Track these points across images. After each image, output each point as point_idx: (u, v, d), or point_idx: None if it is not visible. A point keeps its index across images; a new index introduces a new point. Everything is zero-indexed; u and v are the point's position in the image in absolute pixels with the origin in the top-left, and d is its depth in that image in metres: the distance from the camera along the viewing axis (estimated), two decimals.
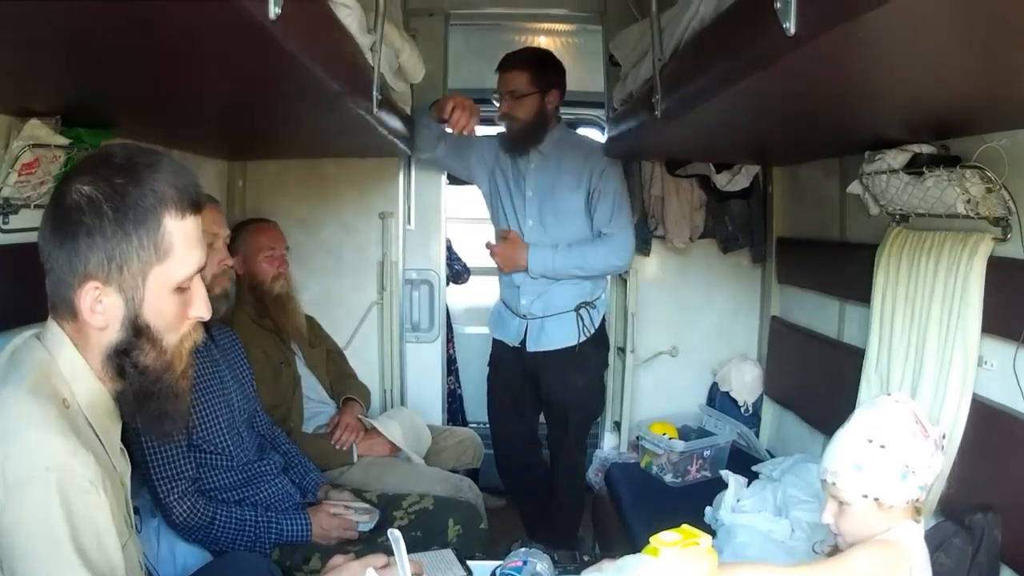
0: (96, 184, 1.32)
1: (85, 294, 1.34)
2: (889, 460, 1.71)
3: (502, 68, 3.39)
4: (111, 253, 1.33)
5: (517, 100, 3.34)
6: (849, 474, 1.73)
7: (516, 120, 3.37)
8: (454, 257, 4.95)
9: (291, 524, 2.43)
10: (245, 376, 2.71)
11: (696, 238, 3.95)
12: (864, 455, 1.72)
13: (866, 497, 1.72)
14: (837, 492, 1.76)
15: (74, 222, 1.32)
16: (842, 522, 1.77)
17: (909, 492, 1.71)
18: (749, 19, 1.56)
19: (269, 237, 3.19)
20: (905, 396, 1.85)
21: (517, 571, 1.75)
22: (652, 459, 3.45)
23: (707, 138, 2.89)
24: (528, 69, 3.33)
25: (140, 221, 1.33)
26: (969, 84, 1.65)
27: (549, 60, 3.46)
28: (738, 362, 3.90)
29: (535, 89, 3.33)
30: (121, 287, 1.35)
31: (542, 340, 3.48)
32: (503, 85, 3.37)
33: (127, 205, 1.32)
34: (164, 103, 2.01)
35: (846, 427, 1.80)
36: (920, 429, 1.73)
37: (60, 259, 1.34)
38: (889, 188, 2.37)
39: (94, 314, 1.35)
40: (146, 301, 1.37)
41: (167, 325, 1.41)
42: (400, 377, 3.99)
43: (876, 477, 1.71)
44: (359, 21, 2.11)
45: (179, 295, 1.41)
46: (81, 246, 1.32)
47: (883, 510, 1.72)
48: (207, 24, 1.20)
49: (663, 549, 1.60)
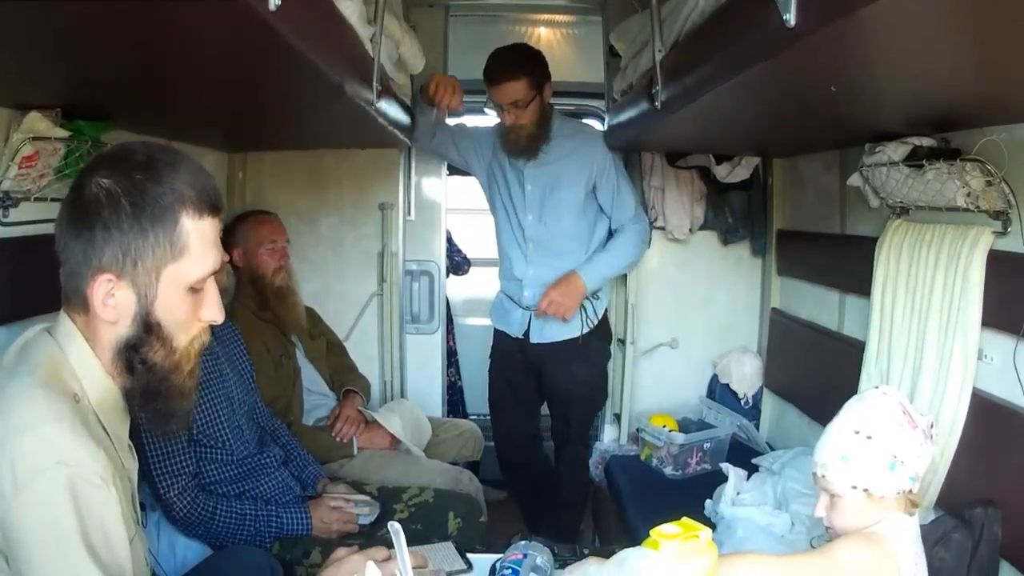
0: (116, 178, 1.33)
1: (98, 286, 1.34)
2: (876, 451, 1.72)
3: (495, 80, 3.23)
4: (126, 247, 1.33)
5: (520, 109, 3.25)
6: (837, 466, 1.75)
7: (523, 127, 3.29)
8: (454, 248, 4.95)
9: (291, 518, 2.44)
10: (245, 368, 2.71)
11: (696, 230, 3.95)
12: (851, 446, 1.74)
13: (855, 488, 1.73)
14: (827, 484, 1.78)
15: (92, 214, 1.33)
16: (834, 515, 1.78)
17: (899, 482, 1.72)
18: (749, 11, 1.56)
19: (270, 230, 3.18)
20: (892, 388, 1.86)
21: (517, 564, 1.75)
22: (652, 451, 3.45)
23: (707, 130, 2.88)
24: (524, 74, 3.20)
25: (157, 218, 1.34)
26: (969, 77, 1.65)
27: (535, 56, 3.34)
28: (738, 354, 3.90)
29: (534, 92, 3.24)
30: (134, 282, 1.35)
31: (545, 332, 3.48)
32: (501, 97, 3.24)
33: (145, 201, 1.33)
34: (164, 95, 2.00)
35: (834, 420, 1.82)
36: (908, 419, 1.75)
37: (75, 250, 1.35)
38: (889, 181, 2.36)
39: (105, 307, 1.35)
40: (158, 298, 1.37)
41: (178, 325, 1.41)
42: (400, 369, 4.00)
43: (864, 468, 1.72)
44: (359, 12, 2.11)
45: (192, 296, 1.41)
46: (97, 238, 1.33)
47: (874, 501, 1.73)
48: (207, 16, 1.20)
49: (663, 542, 1.60)
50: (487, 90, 3.29)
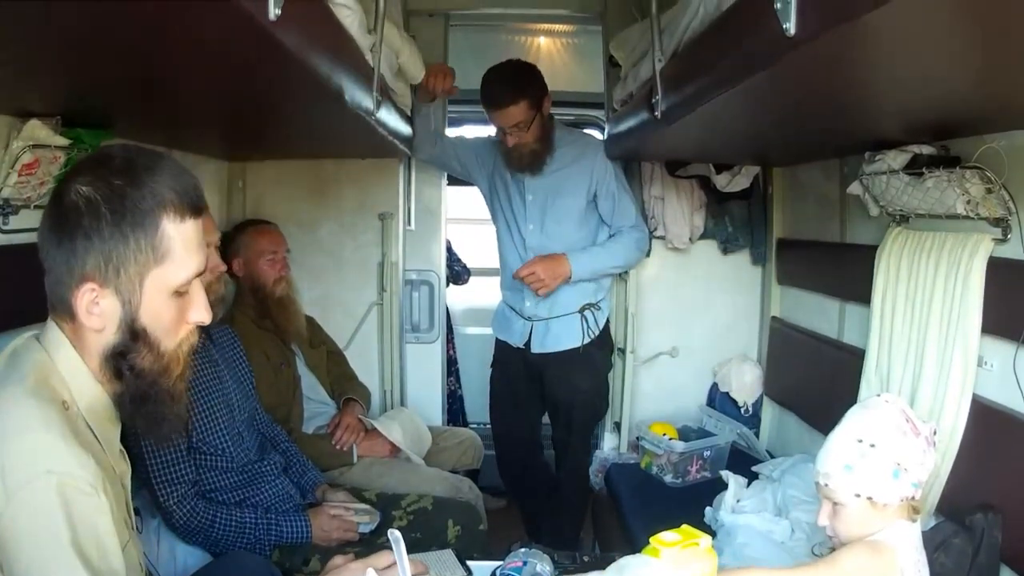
0: (95, 185, 1.32)
1: (82, 295, 1.33)
2: (880, 459, 1.72)
3: (495, 106, 3.24)
4: (108, 255, 1.32)
5: (523, 130, 3.25)
6: (840, 475, 1.75)
7: (526, 145, 3.30)
8: (454, 258, 4.95)
9: (291, 525, 2.43)
10: (244, 375, 2.71)
11: (696, 239, 3.94)
12: (854, 455, 1.74)
13: (859, 497, 1.73)
14: (830, 493, 1.78)
15: (72, 223, 1.32)
16: (837, 523, 1.78)
17: (903, 490, 1.73)
18: (749, 20, 1.56)
19: (270, 240, 3.19)
20: (894, 396, 1.87)
21: (517, 571, 1.75)
22: (652, 459, 3.45)
23: (707, 139, 2.88)
24: (524, 96, 3.21)
25: (138, 223, 1.33)
26: (969, 85, 1.65)
27: (530, 72, 3.33)
28: (738, 362, 3.89)
29: (534, 111, 3.24)
30: (118, 289, 1.34)
31: (547, 342, 3.48)
32: (504, 121, 3.25)
33: (125, 207, 1.32)
34: (164, 104, 2.00)
35: (837, 429, 1.82)
36: (910, 427, 1.75)
37: (58, 259, 1.34)
38: (889, 189, 2.36)
39: (91, 316, 1.34)
40: (143, 304, 1.36)
41: (164, 329, 1.40)
42: (400, 378, 3.99)
43: (867, 476, 1.72)
44: (359, 21, 2.11)
45: (177, 299, 1.40)
46: (79, 247, 1.32)
47: (877, 509, 1.73)
48: (207, 24, 1.20)
49: (663, 550, 1.60)
50: (487, 114, 3.31)
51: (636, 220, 3.49)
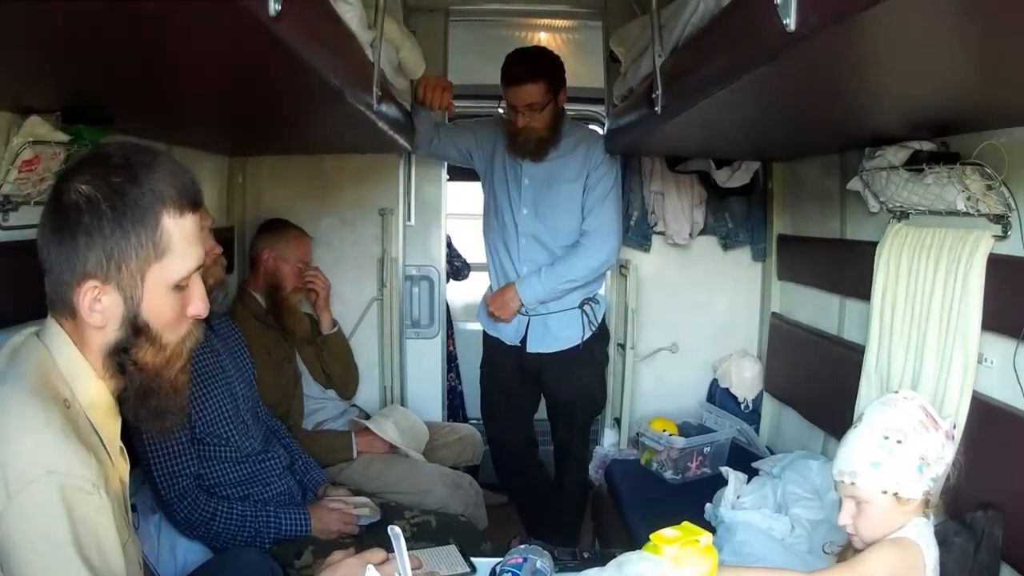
0: (94, 183, 1.32)
1: (84, 293, 1.33)
2: (906, 454, 1.73)
3: (515, 82, 3.22)
4: (110, 252, 1.32)
5: (535, 112, 3.24)
6: (868, 472, 1.75)
7: (534, 130, 3.28)
8: (454, 253, 4.96)
9: (291, 519, 2.44)
10: (246, 365, 2.72)
11: (696, 235, 3.95)
12: (881, 452, 1.74)
13: (886, 493, 1.74)
14: (856, 492, 1.77)
15: (72, 221, 1.32)
16: (860, 522, 1.78)
17: (925, 484, 1.74)
18: (749, 15, 1.55)
19: (306, 252, 3.35)
20: (912, 392, 1.87)
21: (517, 568, 1.75)
22: (652, 456, 3.45)
23: (707, 134, 2.88)
24: (543, 78, 3.20)
25: (138, 220, 1.33)
26: (969, 81, 1.65)
27: (554, 60, 3.31)
28: (738, 358, 3.90)
29: (550, 97, 3.24)
30: (120, 286, 1.35)
31: (546, 340, 3.45)
32: (519, 99, 3.23)
33: (125, 204, 1.32)
34: (164, 100, 2.00)
35: (858, 428, 1.81)
36: (931, 422, 1.76)
37: (59, 258, 1.34)
38: (889, 185, 2.36)
39: (93, 313, 1.34)
40: (145, 300, 1.37)
41: (166, 324, 1.41)
42: (400, 374, 3.99)
43: (895, 472, 1.73)
44: (359, 17, 2.11)
45: (177, 293, 1.41)
46: (80, 245, 1.32)
47: (901, 504, 1.74)
48: (207, 21, 1.20)
49: (663, 546, 1.60)
50: (503, 91, 3.29)
51: (611, 228, 3.40)
